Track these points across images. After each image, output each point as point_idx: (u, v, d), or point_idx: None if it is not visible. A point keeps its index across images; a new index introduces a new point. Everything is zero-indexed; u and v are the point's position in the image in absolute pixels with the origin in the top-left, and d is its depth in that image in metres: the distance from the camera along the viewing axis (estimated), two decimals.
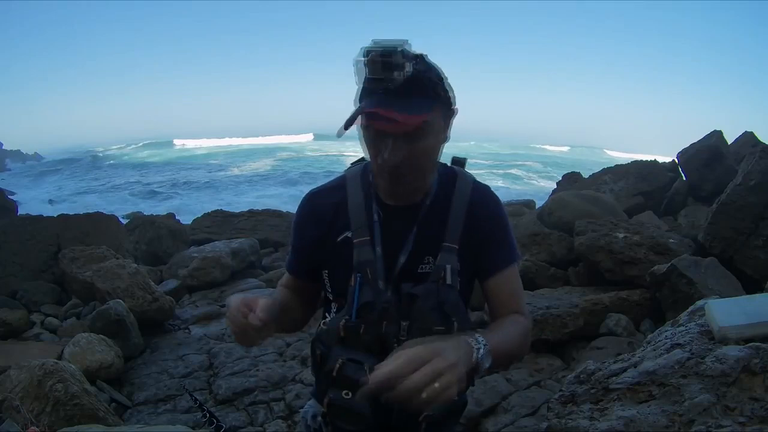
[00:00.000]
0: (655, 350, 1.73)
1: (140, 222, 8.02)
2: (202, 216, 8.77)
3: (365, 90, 1.00)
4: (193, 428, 2.84)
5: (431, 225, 1.12)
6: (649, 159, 8.03)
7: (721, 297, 2.42)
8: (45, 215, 6.68)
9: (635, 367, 1.66)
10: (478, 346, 0.88)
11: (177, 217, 9.35)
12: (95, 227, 6.34)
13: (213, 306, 5.48)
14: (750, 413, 1.31)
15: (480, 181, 1.20)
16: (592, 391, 1.70)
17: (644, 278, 3.80)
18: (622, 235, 4.22)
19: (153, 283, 4.97)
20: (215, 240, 7.24)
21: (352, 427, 0.98)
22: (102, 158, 49.24)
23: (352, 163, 1.22)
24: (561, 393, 1.81)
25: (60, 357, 3.59)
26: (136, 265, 5.31)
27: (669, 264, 3.57)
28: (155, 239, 7.35)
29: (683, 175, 7.21)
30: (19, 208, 12.23)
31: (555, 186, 9.12)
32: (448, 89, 1.05)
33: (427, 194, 1.13)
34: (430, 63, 1.04)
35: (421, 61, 1.01)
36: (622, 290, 3.91)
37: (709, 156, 6.71)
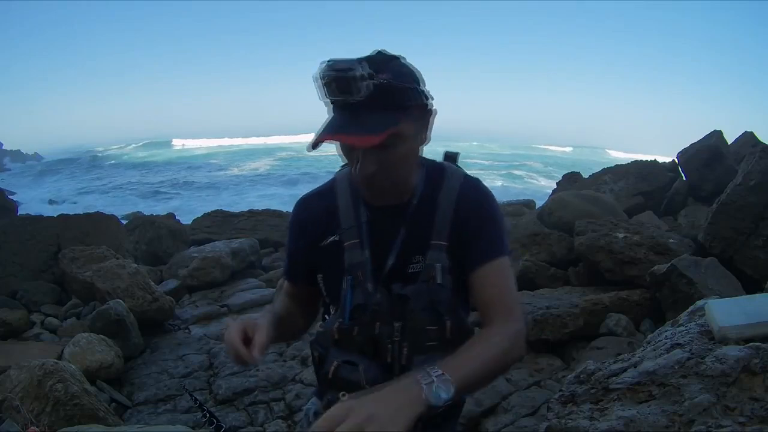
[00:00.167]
0: (655, 350, 1.73)
1: (140, 222, 8.02)
2: (202, 216, 8.78)
3: (332, 103, 0.99)
4: (193, 428, 2.85)
5: (419, 224, 1.10)
6: (649, 159, 8.04)
7: (721, 297, 2.42)
8: (45, 215, 6.69)
9: (635, 367, 1.66)
10: (429, 380, 0.83)
11: (177, 217, 9.36)
12: (95, 227, 6.35)
13: (213, 306, 5.48)
14: (750, 413, 1.31)
15: (471, 175, 1.17)
16: (592, 391, 1.70)
17: (644, 278, 3.79)
18: (622, 235, 4.22)
19: (153, 283, 4.97)
20: (215, 240, 7.25)
21: None
22: (102, 158, 49.27)
23: (342, 166, 1.21)
24: (561, 393, 1.81)
25: (60, 357, 3.59)
26: (136, 265, 5.31)
27: (669, 264, 3.57)
28: (155, 239, 7.35)
29: (683, 175, 7.21)
30: (19, 208, 12.24)
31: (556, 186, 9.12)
32: (421, 94, 1.01)
33: (414, 194, 1.12)
34: (403, 68, 1.00)
35: (390, 69, 0.97)
36: (622, 290, 3.91)
37: (709, 156, 6.71)
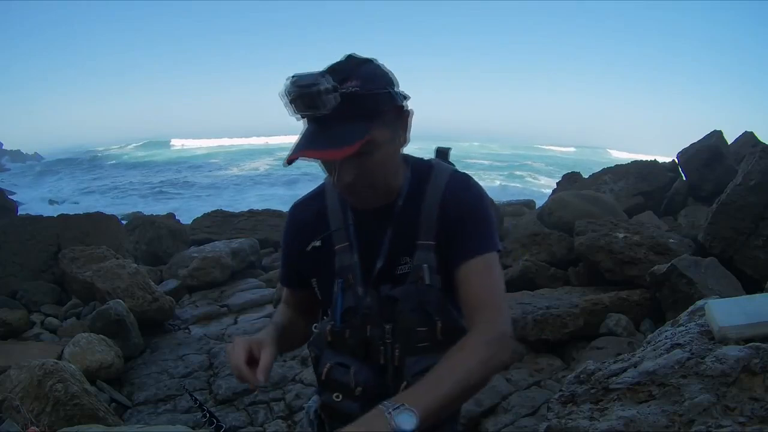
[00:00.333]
0: (655, 350, 1.73)
1: (140, 222, 8.02)
2: (202, 216, 8.78)
3: (301, 117, 0.99)
4: (193, 428, 2.84)
5: (405, 225, 1.09)
6: (649, 159, 8.04)
7: (721, 297, 2.42)
8: (45, 215, 6.69)
9: (635, 367, 1.66)
10: (390, 411, 0.82)
11: (177, 217, 9.36)
12: (95, 227, 6.35)
13: (213, 306, 5.49)
14: (750, 413, 1.31)
15: (459, 171, 1.14)
16: (592, 391, 1.69)
17: (644, 278, 3.79)
18: (622, 235, 4.22)
19: (153, 283, 4.97)
20: (215, 240, 7.26)
21: None
22: (101, 158, 49.27)
23: None
24: (561, 393, 1.81)
25: (60, 357, 3.59)
26: (136, 265, 5.31)
27: (669, 264, 3.57)
28: (155, 239, 7.36)
29: (683, 175, 7.21)
30: (20, 208, 12.24)
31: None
32: (394, 96, 0.99)
33: (399, 194, 1.10)
34: (374, 71, 0.99)
35: (359, 75, 0.96)
36: (622, 290, 3.91)
37: (709, 156, 6.71)
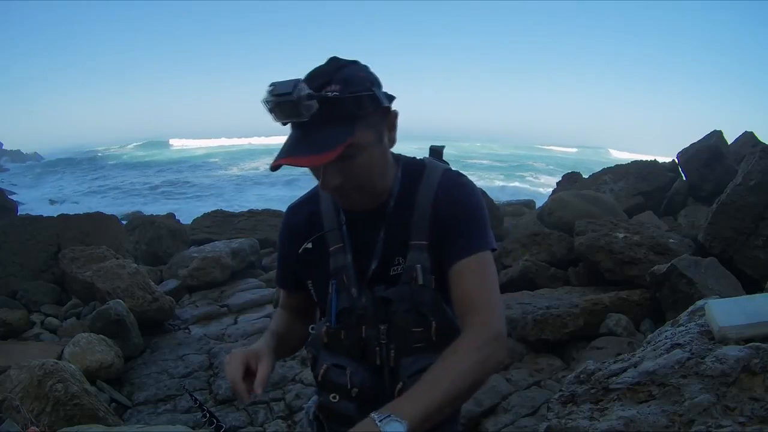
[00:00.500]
0: (655, 350, 1.72)
1: (140, 222, 8.03)
2: (202, 216, 8.78)
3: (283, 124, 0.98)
4: (193, 428, 2.84)
5: (398, 225, 1.08)
6: (650, 159, 8.04)
7: (721, 297, 2.42)
8: (45, 215, 6.69)
9: (635, 367, 1.66)
10: (380, 419, 0.83)
11: (177, 217, 9.37)
12: (95, 227, 6.36)
13: (213, 306, 5.49)
14: (750, 413, 1.31)
15: (452, 169, 1.13)
16: (592, 391, 1.69)
17: (644, 278, 3.80)
18: (622, 235, 4.22)
19: (153, 283, 4.97)
20: (215, 240, 7.25)
21: (343, 428, 0.99)
22: (101, 158, 49.27)
23: None
24: (561, 393, 1.81)
25: (60, 357, 3.59)
26: (136, 265, 5.31)
27: (669, 264, 3.57)
28: (155, 239, 7.36)
29: (683, 175, 7.21)
30: (20, 208, 12.24)
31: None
32: (378, 98, 0.97)
33: (390, 195, 1.09)
34: (357, 73, 0.98)
35: (340, 79, 0.94)
36: (622, 290, 3.91)
37: (709, 156, 6.71)
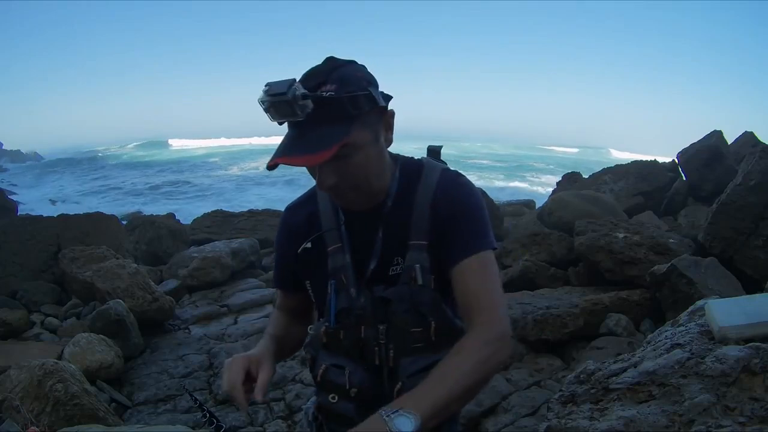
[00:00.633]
0: (655, 350, 1.72)
1: (140, 222, 8.02)
2: (202, 216, 8.78)
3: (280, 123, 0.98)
4: (193, 428, 2.84)
5: (396, 225, 1.08)
6: (649, 159, 8.04)
7: (721, 297, 2.42)
8: (45, 215, 6.69)
9: (635, 367, 1.66)
10: (388, 414, 0.84)
11: (177, 217, 9.37)
12: (95, 227, 6.36)
13: (213, 306, 5.48)
14: (750, 413, 1.31)
15: (450, 169, 1.13)
16: (592, 391, 1.69)
17: (644, 278, 3.80)
18: (622, 235, 4.22)
19: (153, 283, 4.97)
20: (215, 240, 7.25)
21: (342, 429, 0.99)
22: (101, 158, 49.29)
23: None
24: (561, 393, 1.81)
25: (60, 357, 3.59)
26: (136, 265, 5.31)
27: (669, 264, 3.57)
28: (155, 239, 7.35)
29: (683, 175, 7.21)
30: (21, 208, 12.25)
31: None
32: (374, 97, 0.97)
33: (388, 195, 1.09)
34: (353, 73, 0.98)
35: (336, 79, 0.94)
36: (622, 290, 3.91)
37: (709, 156, 6.71)
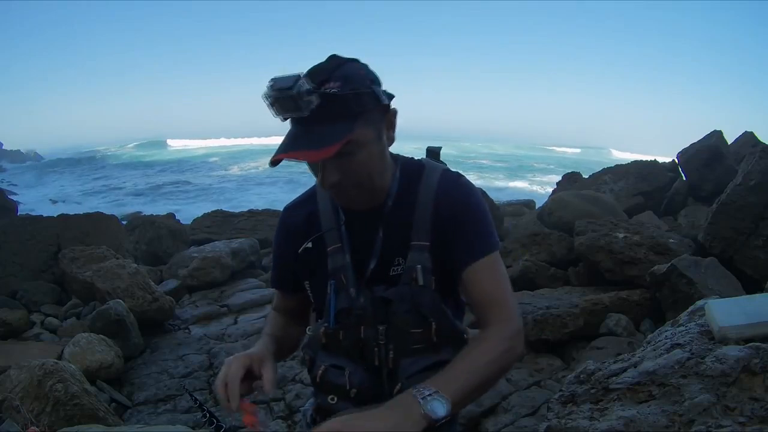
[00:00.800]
0: (655, 350, 1.72)
1: (140, 222, 8.02)
2: (202, 216, 8.78)
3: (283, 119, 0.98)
4: (193, 428, 2.84)
5: (397, 225, 1.08)
6: (649, 159, 8.04)
7: (721, 297, 2.42)
8: (45, 215, 6.69)
9: (635, 367, 1.66)
10: (424, 396, 0.86)
11: (177, 217, 9.37)
12: (95, 227, 6.35)
13: (213, 306, 5.48)
14: (750, 413, 1.31)
15: (451, 170, 1.13)
16: (592, 391, 1.69)
17: (644, 278, 3.80)
18: (622, 235, 4.22)
19: (153, 283, 4.97)
20: (215, 240, 7.24)
21: None
22: (101, 158, 49.29)
23: None
24: (561, 393, 1.81)
25: (60, 357, 3.59)
26: (136, 265, 5.31)
27: (669, 264, 3.57)
28: (155, 239, 7.35)
29: (683, 175, 7.22)
30: (21, 208, 12.25)
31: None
32: (377, 96, 0.98)
33: (389, 194, 1.09)
34: (357, 71, 0.98)
35: (340, 76, 0.94)
36: (622, 290, 3.91)
37: (709, 156, 6.71)
